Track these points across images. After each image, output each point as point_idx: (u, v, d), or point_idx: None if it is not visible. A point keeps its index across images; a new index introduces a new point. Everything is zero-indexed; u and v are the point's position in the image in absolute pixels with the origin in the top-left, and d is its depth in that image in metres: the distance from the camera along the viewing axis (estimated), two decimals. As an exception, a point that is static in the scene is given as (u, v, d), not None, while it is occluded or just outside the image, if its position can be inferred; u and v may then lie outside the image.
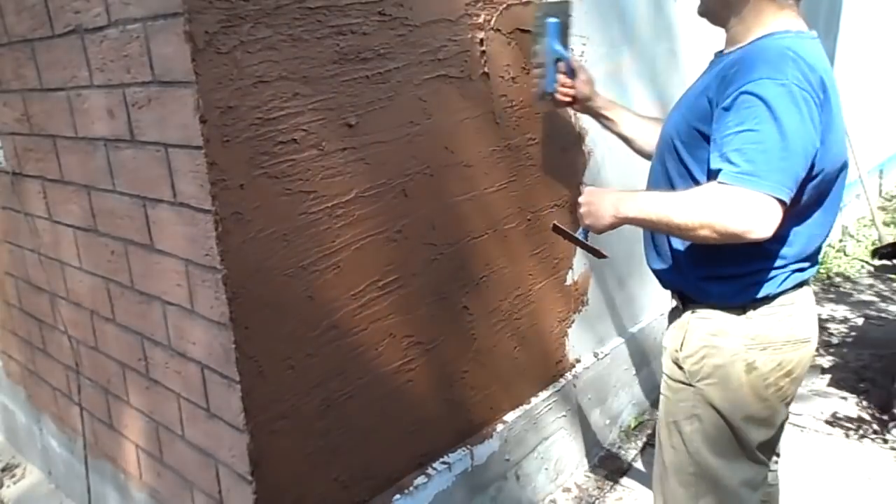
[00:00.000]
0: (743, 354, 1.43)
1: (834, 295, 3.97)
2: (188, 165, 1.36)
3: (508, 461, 2.17)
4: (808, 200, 1.34)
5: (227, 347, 1.45)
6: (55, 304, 2.10)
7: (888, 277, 4.17)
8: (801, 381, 1.50)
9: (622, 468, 2.53)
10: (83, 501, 2.24)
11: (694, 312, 1.49)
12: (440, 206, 1.82)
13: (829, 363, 3.19)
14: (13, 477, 2.71)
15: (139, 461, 1.96)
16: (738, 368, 1.43)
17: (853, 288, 4.07)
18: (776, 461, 1.72)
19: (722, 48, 1.47)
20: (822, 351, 3.28)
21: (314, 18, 1.44)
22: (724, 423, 1.46)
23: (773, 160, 1.21)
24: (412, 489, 1.87)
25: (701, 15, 1.50)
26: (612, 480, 2.46)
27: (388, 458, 1.82)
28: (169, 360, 1.67)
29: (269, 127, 1.40)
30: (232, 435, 1.53)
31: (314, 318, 1.57)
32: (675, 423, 1.53)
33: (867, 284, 4.12)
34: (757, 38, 1.35)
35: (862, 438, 2.63)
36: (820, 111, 1.26)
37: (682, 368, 1.50)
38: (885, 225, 4.81)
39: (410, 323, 1.80)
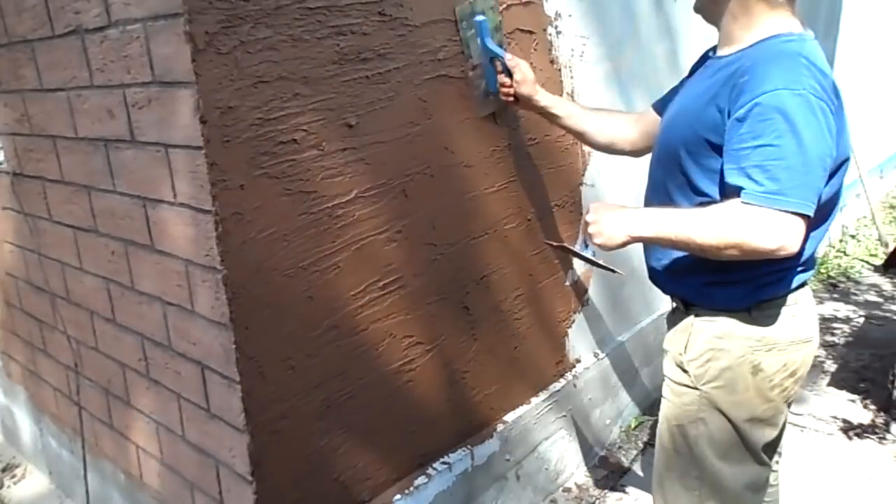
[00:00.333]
0: (749, 356, 1.42)
1: (835, 294, 3.97)
2: (188, 166, 1.37)
3: (509, 461, 2.17)
4: (818, 205, 1.34)
5: (227, 348, 1.45)
6: (55, 304, 2.10)
7: (888, 277, 4.16)
8: (803, 380, 1.50)
9: (623, 468, 2.53)
10: (83, 502, 2.24)
11: (698, 316, 1.48)
12: (440, 206, 1.82)
13: (829, 363, 3.19)
14: (13, 477, 2.70)
15: (139, 461, 1.96)
16: (744, 370, 1.42)
17: (853, 288, 4.06)
18: (777, 461, 1.72)
19: (715, 45, 1.45)
20: (822, 351, 3.28)
21: (314, 19, 1.44)
22: (729, 425, 1.45)
23: (796, 176, 1.20)
24: (413, 489, 1.87)
25: (696, 11, 1.48)
26: (612, 480, 2.46)
27: (388, 458, 1.82)
28: (169, 360, 1.67)
29: (269, 127, 1.40)
30: (232, 435, 1.53)
31: (314, 318, 1.57)
32: (678, 426, 1.51)
33: (867, 284, 4.11)
34: (759, 39, 1.32)
35: (862, 438, 2.63)
36: (835, 118, 1.25)
37: (686, 372, 1.49)
38: (885, 224, 4.81)
39: (411, 323, 1.80)
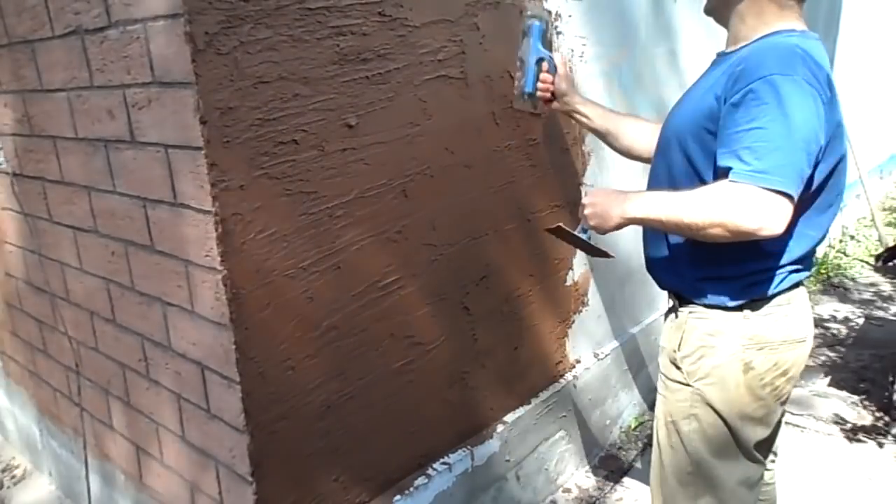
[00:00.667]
0: (740, 354, 1.43)
1: (834, 295, 3.97)
2: (188, 166, 1.36)
3: (509, 462, 2.17)
4: (806, 199, 1.34)
5: (227, 348, 1.45)
6: (55, 304, 2.10)
7: (889, 278, 4.17)
8: (796, 380, 1.51)
9: (623, 468, 2.53)
10: (83, 502, 2.24)
11: (692, 312, 1.49)
12: (440, 206, 1.82)
13: (829, 363, 3.19)
14: (13, 477, 2.70)
15: (139, 462, 1.96)
16: (735, 368, 1.43)
17: (853, 288, 4.07)
18: (773, 460, 1.72)
19: (724, 48, 1.47)
20: (822, 351, 3.28)
21: (314, 19, 1.44)
22: (721, 422, 1.46)
23: (782, 157, 1.21)
24: (412, 490, 1.87)
25: (707, 13, 1.51)
26: (612, 481, 2.46)
27: (388, 458, 1.82)
28: (169, 360, 1.67)
29: (269, 128, 1.41)
30: (232, 435, 1.53)
31: (314, 318, 1.57)
32: (672, 422, 1.53)
33: (867, 284, 4.12)
34: (762, 35, 1.35)
35: (862, 439, 2.63)
36: (827, 109, 1.26)
37: (679, 368, 1.50)
38: (885, 225, 4.81)
39: (410, 323, 1.80)
